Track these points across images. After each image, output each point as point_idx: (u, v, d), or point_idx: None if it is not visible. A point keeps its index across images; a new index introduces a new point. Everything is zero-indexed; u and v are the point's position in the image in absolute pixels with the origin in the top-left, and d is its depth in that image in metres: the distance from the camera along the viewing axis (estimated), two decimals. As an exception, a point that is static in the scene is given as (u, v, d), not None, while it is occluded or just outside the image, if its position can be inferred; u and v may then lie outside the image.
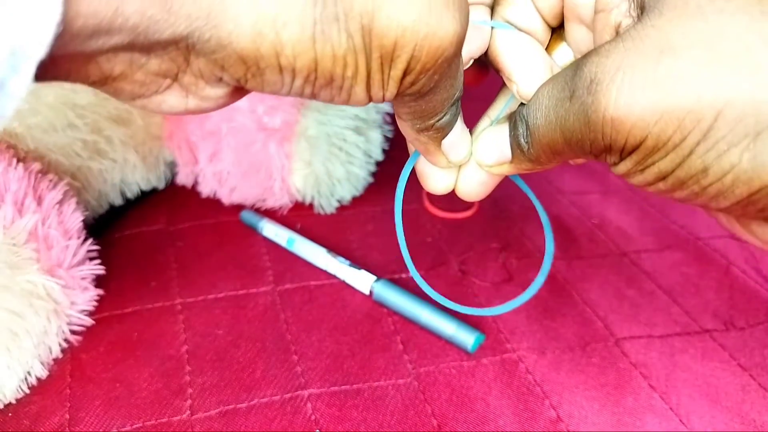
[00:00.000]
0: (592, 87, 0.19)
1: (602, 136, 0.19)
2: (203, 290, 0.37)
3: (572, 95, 0.19)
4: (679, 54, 0.17)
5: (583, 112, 0.19)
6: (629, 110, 0.18)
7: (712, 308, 0.37)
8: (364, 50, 0.17)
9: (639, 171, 0.19)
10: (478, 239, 0.42)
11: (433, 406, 0.31)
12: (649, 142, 0.18)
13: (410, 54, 0.17)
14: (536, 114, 0.21)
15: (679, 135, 0.18)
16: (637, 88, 0.18)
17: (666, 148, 0.18)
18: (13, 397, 0.30)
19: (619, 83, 0.18)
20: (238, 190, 0.44)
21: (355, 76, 0.18)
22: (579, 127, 0.19)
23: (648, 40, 0.18)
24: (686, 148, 0.18)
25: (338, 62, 0.17)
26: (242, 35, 0.16)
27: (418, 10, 0.17)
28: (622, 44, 0.18)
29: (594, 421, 0.30)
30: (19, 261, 0.30)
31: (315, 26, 0.16)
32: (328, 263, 0.39)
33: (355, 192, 0.46)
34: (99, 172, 0.41)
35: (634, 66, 0.18)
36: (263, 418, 0.30)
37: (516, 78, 0.23)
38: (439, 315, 0.34)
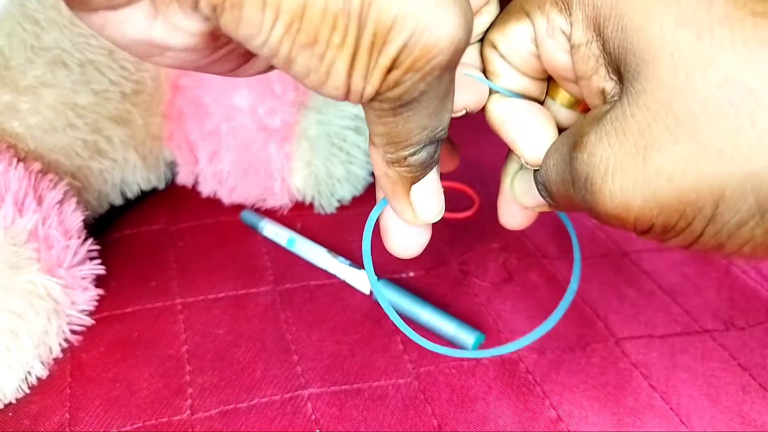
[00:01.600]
0: (587, 185, 0.19)
1: (610, 223, 0.19)
2: (203, 290, 0.37)
3: (573, 184, 0.20)
4: (664, 150, 0.17)
5: (587, 205, 0.19)
6: (627, 207, 0.18)
7: (712, 308, 0.37)
8: (359, 19, 0.16)
9: (661, 242, 0.19)
10: (478, 239, 0.42)
11: (433, 406, 0.31)
12: (657, 228, 0.18)
13: (404, 41, 0.16)
14: (549, 184, 0.21)
15: (684, 222, 0.18)
16: (630, 187, 0.18)
17: (675, 231, 0.18)
18: (13, 397, 0.30)
19: (611, 184, 0.18)
20: (238, 190, 0.44)
21: (340, 46, 0.16)
22: (588, 212, 0.20)
23: (630, 135, 0.18)
24: (695, 232, 0.18)
25: (327, 20, 0.16)
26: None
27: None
28: (606, 139, 0.18)
29: (594, 421, 0.30)
30: (20, 261, 0.30)
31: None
32: (328, 263, 0.39)
33: (355, 192, 0.46)
34: (99, 172, 0.41)
35: (623, 165, 0.18)
36: (263, 418, 0.30)
37: (520, 150, 0.23)
38: (439, 315, 0.34)
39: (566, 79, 0.22)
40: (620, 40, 0.18)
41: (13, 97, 0.36)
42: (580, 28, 0.20)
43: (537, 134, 0.23)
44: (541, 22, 0.21)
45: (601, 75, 0.20)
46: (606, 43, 0.19)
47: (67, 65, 0.37)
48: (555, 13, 0.21)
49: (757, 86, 0.16)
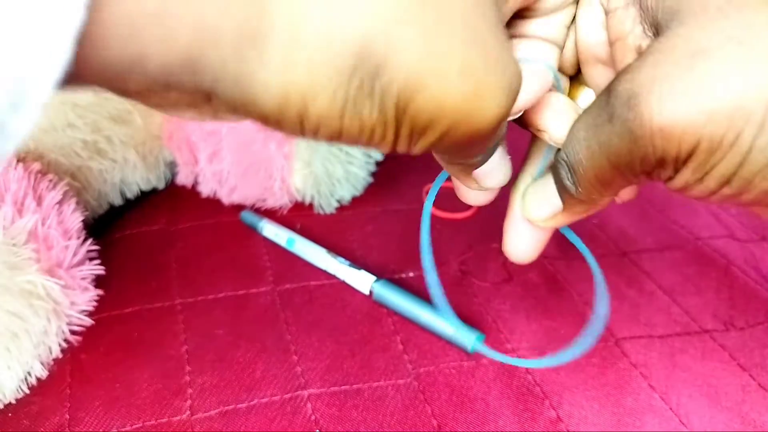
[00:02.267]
0: (631, 103, 0.18)
1: (653, 150, 0.18)
2: (203, 290, 0.37)
3: (611, 117, 0.19)
4: (712, 55, 0.17)
5: (628, 130, 0.18)
6: (676, 117, 0.17)
7: (712, 308, 0.37)
8: (395, 123, 0.16)
9: (699, 180, 0.18)
10: (478, 239, 0.42)
11: (433, 406, 0.31)
12: (704, 145, 0.17)
13: (443, 131, 0.16)
14: (575, 149, 0.21)
15: (733, 133, 0.17)
16: (679, 94, 0.17)
17: (723, 148, 0.17)
18: (13, 397, 0.30)
19: (659, 93, 0.17)
20: (238, 190, 0.44)
21: (381, 140, 0.17)
22: (626, 147, 0.19)
23: (677, 48, 0.18)
24: (744, 144, 0.17)
25: (365, 132, 0.16)
26: (268, 100, 0.15)
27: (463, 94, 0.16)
28: (651, 57, 0.18)
29: (594, 421, 0.30)
30: (19, 261, 0.30)
31: (347, 101, 0.15)
32: (328, 263, 0.39)
33: (355, 192, 0.46)
34: (99, 172, 0.41)
35: (670, 74, 0.17)
36: (263, 418, 0.30)
37: (546, 126, 0.22)
38: (439, 315, 0.34)
39: (596, 59, 0.23)
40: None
41: (13, 97, 0.36)
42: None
43: (562, 111, 0.23)
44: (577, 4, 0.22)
45: (637, 33, 0.20)
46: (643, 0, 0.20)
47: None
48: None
49: None
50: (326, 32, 0.14)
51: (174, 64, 0.14)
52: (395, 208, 0.45)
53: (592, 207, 0.22)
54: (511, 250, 0.25)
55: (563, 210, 0.23)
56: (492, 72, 0.16)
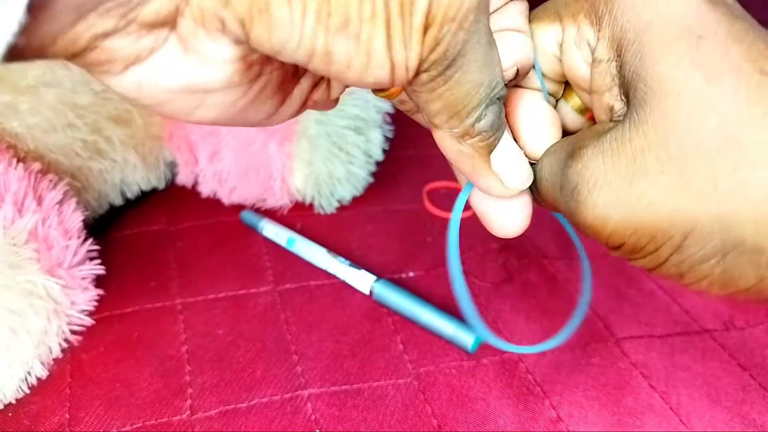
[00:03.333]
0: (574, 194, 0.20)
1: (586, 233, 0.21)
2: (203, 290, 0.37)
3: (562, 189, 0.21)
4: (651, 179, 0.18)
5: (570, 211, 0.21)
6: (606, 221, 0.19)
7: (712, 308, 0.37)
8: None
9: (630, 260, 0.21)
10: (478, 239, 0.42)
11: (433, 406, 0.31)
12: (627, 247, 0.20)
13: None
14: (540, 182, 0.22)
15: (653, 246, 0.19)
16: (612, 205, 0.19)
17: (643, 252, 0.20)
18: (13, 397, 0.30)
19: (596, 197, 0.19)
20: (238, 190, 0.44)
21: (372, 18, 0.16)
22: (569, 218, 0.21)
23: (624, 158, 0.19)
24: (661, 257, 0.19)
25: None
26: None
27: None
28: (601, 157, 0.19)
29: (594, 421, 0.30)
30: (19, 261, 0.30)
31: None
32: (328, 263, 0.39)
33: (355, 192, 0.46)
34: (99, 172, 0.41)
35: (610, 183, 0.19)
36: (263, 418, 0.30)
37: (524, 139, 0.23)
38: (439, 315, 0.34)
39: (581, 88, 0.23)
40: (636, 67, 0.19)
41: (13, 97, 0.36)
42: (605, 45, 0.21)
43: (543, 130, 0.23)
44: (571, 29, 0.22)
45: (613, 93, 0.21)
46: (623, 65, 0.20)
47: (67, 65, 0.37)
48: (586, 25, 0.22)
49: (746, 141, 0.17)
50: None
51: None
52: (395, 208, 0.45)
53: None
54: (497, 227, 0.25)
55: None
56: None
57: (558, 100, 0.25)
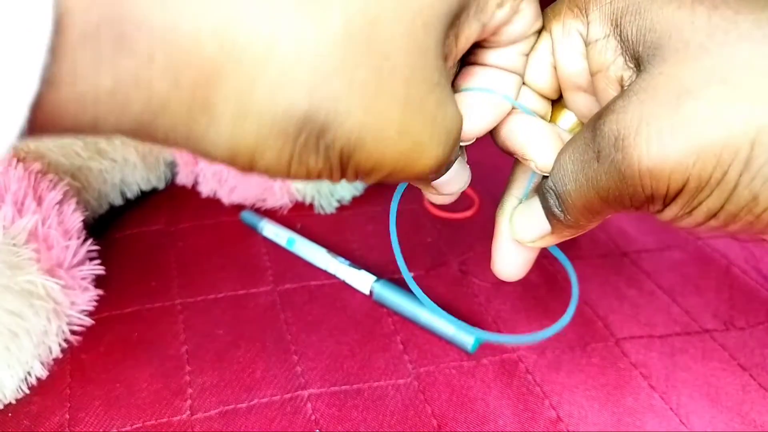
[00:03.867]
0: (618, 144, 0.18)
1: (642, 188, 0.19)
2: (203, 290, 0.37)
3: (599, 156, 0.19)
4: (697, 95, 0.17)
5: (616, 170, 0.19)
6: (664, 158, 0.18)
7: (712, 308, 0.37)
8: (340, 168, 0.17)
9: (687, 214, 0.19)
10: (478, 239, 0.42)
11: (433, 406, 0.31)
12: (692, 183, 0.18)
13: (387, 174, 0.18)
14: (564, 180, 0.21)
15: (720, 170, 0.18)
16: (666, 134, 0.18)
17: (710, 185, 0.18)
18: (13, 397, 0.30)
19: (647, 134, 0.18)
20: (238, 190, 0.44)
21: (329, 178, 0.18)
22: (615, 184, 0.19)
23: (661, 88, 0.18)
24: (731, 181, 0.18)
25: (312, 174, 0.17)
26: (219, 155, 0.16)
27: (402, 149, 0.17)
28: (635, 97, 0.19)
29: (594, 421, 0.30)
30: (19, 261, 0.30)
31: (293, 153, 0.16)
32: (328, 263, 0.39)
33: (355, 192, 0.46)
34: (99, 172, 0.41)
35: (656, 115, 0.18)
36: (263, 418, 0.30)
37: (531, 155, 0.23)
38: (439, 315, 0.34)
39: (577, 86, 0.23)
40: (638, 24, 0.20)
41: (13, 97, 0.36)
42: (597, 24, 0.21)
43: (547, 140, 0.23)
44: (557, 29, 0.22)
45: (618, 64, 0.21)
46: (624, 30, 0.20)
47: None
48: (570, 18, 0.22)
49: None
50: (272, 103, 0.15)
51: (126, 129, 0.15)
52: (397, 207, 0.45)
53: (580, 230, 0.23)
54: (499, 269, 0.26)
55: (551, 232, 0.23)
56: (430, 125, 0.18)
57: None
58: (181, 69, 0.14)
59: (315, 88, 0.16)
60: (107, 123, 0.14)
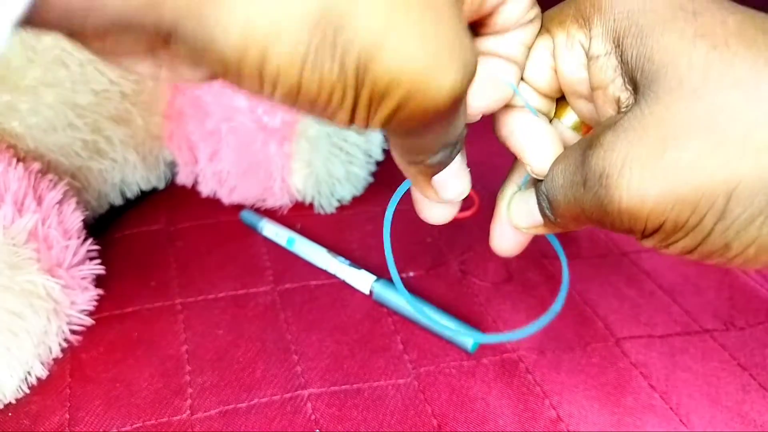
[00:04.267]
0: (602, 180, 0.19)
1: (621, 222, 0.20)
2: (203, 290, 0.37)
3: (585, 183, 0.20)
4: (681, 143, 0.18)
5: (599, 202, 0.20)
6: (643, 200, 0.18)
7: (712, 308, 0.37)
8: (355, 85, 0.16)
9: (664, 247, 0.20)
10: (478, 239, 0.42)
11: (433, 406, 0.31)
12: (668, 225, 0.19)
13: (402, 98, 0.17)
14: (554, 192, 0.22)
15: (696, 217, 0.18)
16: (647, 179, 0.18)
17: (685, 229, 0.19)
18: (13, 397, 0.30)
19: (629, 176, 0.19)
20: (238, 190, 0.44)
21: (339, 105, 0.17)
22: (597, 212, 0.20)
23: (649, 130, 0.19)
24: (705, 228, 0.18)
25: (324, 90, 0.16)
26: (229, 41, 0.15)
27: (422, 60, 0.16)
28: (623, 135, 0.19)
29: (594, 421, 0.30)
30: (19, 261, 0.30)
31: (308, 51, 0.15)
32: (328, 263, 0.39)
33: (355, 192, 0.46)
34: (99, 172, 0.41)
35: (641, 159, 0.18)
36: (263, 418, 0.30)
37: (527, 159, 0.23)
38: (439, 315, 0.34)
39: (579, 94, 0.23)
40: (638, 49, 0.20)
41: (13, 96, 0.36)
42: (600, 40, 0.21)
43: (545, 145, 0.23)
44: (561, 36, 0.22)
45: (617, 84, 0.21)
46: (624, 52, 0.20)
47: (66, 65, 0.37)
48: (575, 29, 0.22)
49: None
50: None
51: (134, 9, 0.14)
52: (395, 208, 0.45)
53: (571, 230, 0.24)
54: (497, 246, 0.27)
55: (544, 225, 0.24)
56: (449, 46, 0.17)
57: (552, 121, 0.25)
58: None
59: None
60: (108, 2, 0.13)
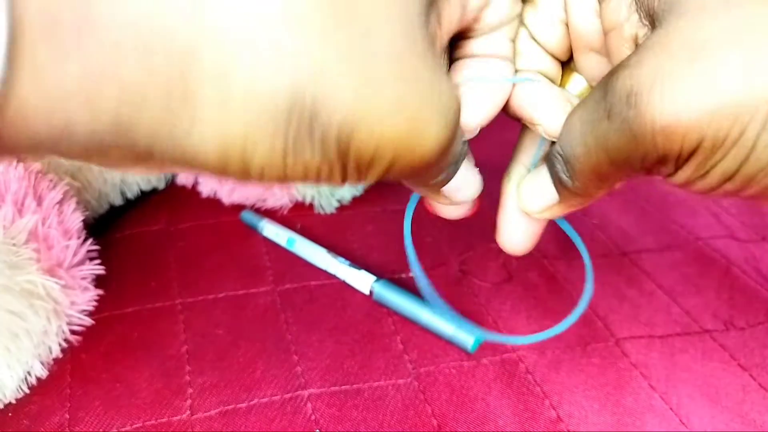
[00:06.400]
0: (631, 101, 0.18)
1: (654, 148, 0.18)
2: (203, 290, 0.37)
3: (609, 113, 0.18)
4: (714, 51, 0.17)
5: (628, 128, 0.18)
6: (679, 115, 0.17)
7: (712, 308, 0.37)
8: (340, 161, 0.16)
9: (701, 176, 0.18)
10: (478, 239, 0.42)
11: (433, 406, 0.31)
12: (707, 143, 0.17)
13: (389, 162, 0.17)
14: (572, 143, 0.20)
15: (738, 129, 0.17)
16: (681, 92, 0.17)
17: (726, 145, 0.17)
18: (13, 397, 0.30)
19: (661, 91, 0.17)
20: (238, 190, 0.44)
21: (329, 177, 0.17)
22: (625, 144, 0.18)
23: (677, 43, 0.17)
24: (748, 141, 0.17)
25: (311, 171, 0.16)
26: (209, 155, 0.15)
27: (401, 125, 0.16)
28: (650, 52, 0.18)
29: (594, 421, 0.30)
30: (19, 261, 0.30)
31: (287, 144, 0.15)
32: (328, 263, 0.39)
33: (355, 192, 0.46)
34: (99, 172, 0.40)
35: (672, 71, 0.17)
36: (263, 418, 0.30)
37: (539, 119, 0.22)
38: (439, 315, 0.34)
39: (590, 47, 0.22)
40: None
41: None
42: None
43: (555, 104, 0.22)
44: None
45: (633, 21, 0.20)
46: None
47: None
48: None
49: None
50: (255, 83, 0.14)
51: (103, 130, 0.14)
52: (395, 208, 0.45)
53: (589, 198, 0.22)
54: (506, 241, 0.25)
55: (559, 202, 0.22)
56: (425, 103, 0.16)
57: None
58: (153, 52, 0.13)
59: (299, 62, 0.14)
60: (82, 123, 0.13)
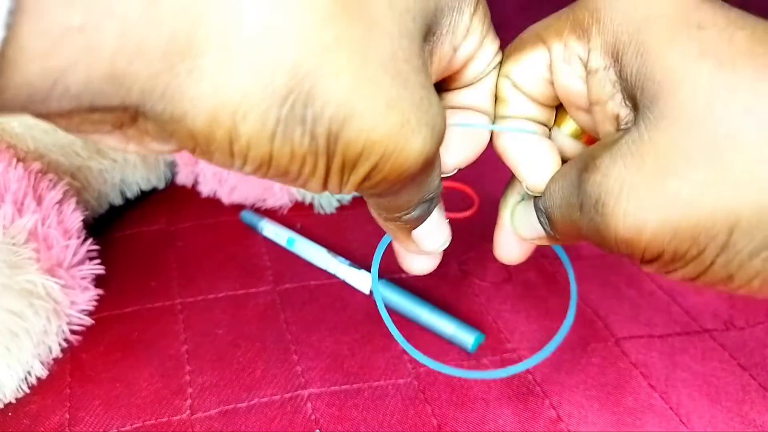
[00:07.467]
0: (598, 207, 0.18)
1: (618, 249, 0.19)
2: (203, 290, 0.37)
3: (581, 208, 0.19)
4: (683, 173, 0.17)
5: (595, 229, 0.19)
6: (640, 231, 0.18)
7: (712, 308, 0.37)
8: (326, 153, 0.16)
9: (664, 273, 0.19)
10: (478, 239, 0.42)
11: (433, 406, 0.31)
12: (667, 256, 0.18)
13: (372, 165, 0.17)
14: (552, 210, 0.21)
15: (696, 249, 0.17)
16: (645, 209, 0.17)
17: (685, 259, 0.18)
18: (13, 397, 0.30)
19: (625, 205, 0.18)
20: (238, 189, 0.44)
21: (311, 174, 0.17)
22: (593, 237, 0.19)
23: (648, 157, 0.17)
24: (706, 260, 0.17)
25: (295, 161, 0.16)
26: (198, 117, 0.15)
27: (391, 126, 0.16)
28: (621, 161, 0.18)
29: (594, 421, 0.30)
30: (19, 261, 0.30)
31: (278, 124, 0.15)
32: (328, 263, 0.39)
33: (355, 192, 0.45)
34: (99, 172, 0.41)
35: (638, 187, 0.17)
36: (263, 417, 0.30)
37: (523, 175, 0.23)
38: (439, 315, 0.34)
39: (577, 107, 0.22)
40: (639, 66, 0.18)
41: (13, 96, 0.36)
42: (598, 54, 0.20)
43: (540, 161, 0.23)
44: (558, 48, 0.21)
45: (616, 101, 0.20)
46: (624, 68, 0.19)
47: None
48: (573, 40, 0.21)
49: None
50: (261, 53, 0.14)
51: (99, 78, 0.13)
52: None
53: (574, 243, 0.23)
54: (501, 255, 0.26)
55: (546, 238, 0.23)
56: (416, 111, 0.17)
57: (551, 129, 0.25)
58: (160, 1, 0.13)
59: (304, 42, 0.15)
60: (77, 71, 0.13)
